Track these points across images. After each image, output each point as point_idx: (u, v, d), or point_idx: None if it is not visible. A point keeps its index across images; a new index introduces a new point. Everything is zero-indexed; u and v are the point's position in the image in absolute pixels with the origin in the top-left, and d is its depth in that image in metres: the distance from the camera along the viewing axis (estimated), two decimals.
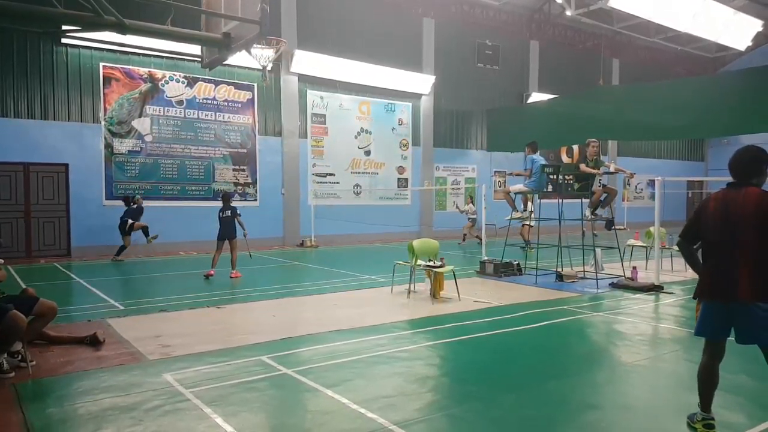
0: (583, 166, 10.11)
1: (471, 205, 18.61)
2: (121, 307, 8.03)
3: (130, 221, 13.78)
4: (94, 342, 5.89)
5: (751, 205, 3.42)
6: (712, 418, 3.66)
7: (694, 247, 3.81)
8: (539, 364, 5.45)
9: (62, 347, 5.81)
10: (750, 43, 24.26)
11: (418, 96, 20.45)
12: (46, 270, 12.09)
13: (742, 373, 4.79)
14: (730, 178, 3.65)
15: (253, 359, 5.39)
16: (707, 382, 3.67)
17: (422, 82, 20.19)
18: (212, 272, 10.77)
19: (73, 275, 11.29)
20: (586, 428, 3.94)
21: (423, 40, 20.41)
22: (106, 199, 14.73)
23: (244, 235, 11.07)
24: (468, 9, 21.26)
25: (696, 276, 3.76)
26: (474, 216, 18.09)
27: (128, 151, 15.07)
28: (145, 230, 14.01)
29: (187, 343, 6.00)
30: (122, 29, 6.03)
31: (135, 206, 14.01)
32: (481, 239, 13.08)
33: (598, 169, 10.27)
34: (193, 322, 7.08)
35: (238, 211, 11.23)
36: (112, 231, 14.17)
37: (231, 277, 10.68)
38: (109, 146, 14.79)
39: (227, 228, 10.93)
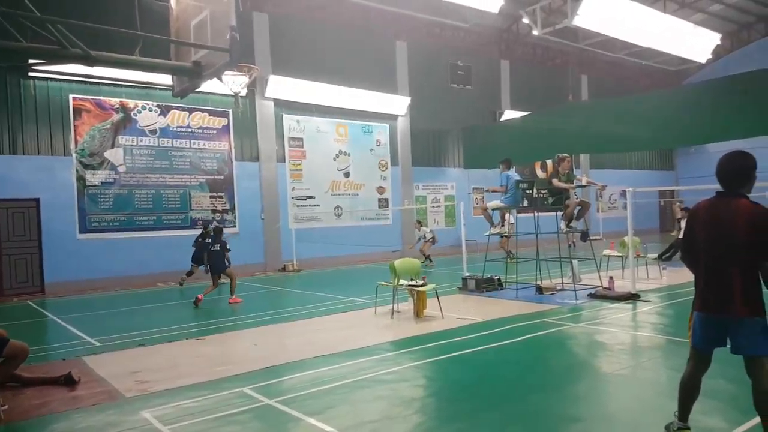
0: (555, 181, 10.25)
1: (423, 227, 18.49)
2: (97, 344, 7.83)
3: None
4: (69, 381, 5.72)
5: (741, 220, 3.35)
6: (689, 428, 3.67)
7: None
8: (522, 379, 5.45)
9: (36, 389, 5.63)
10: (710, 56, 25.01)
11: (395, 117, 20.63)
12: (19, 309, 11.78)
13: (720, 378, 4.84)
14: (700, 186, 3.66)
15: (234, 391, 5.29)
16: (689, 392, 3.65)
17: (398, 104, 20.40)
18: (201, 297, 10.72)
19: (47, 312, 11.02)
20: None
21: (396, 62, 20.66)
22: (80, 232, 14.47)
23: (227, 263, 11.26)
24: (439, 31, 21.62)
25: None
26: (431, 235, 18.02)
27: (101, 182, 14.88)
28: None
29: (165, 377, 5.87)
30: (89, 61, 5.99)
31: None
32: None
33: (571, 183, 10.42)
34: (171, 356, 6.94)
35: (228, 246, 11.36)
36: (86, 265, 13.90)
37: (230, 303, 10.87)
38: (81, 179, 14.59)
39: (218, 261, 11.12)
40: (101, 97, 14.92)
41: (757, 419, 3.46)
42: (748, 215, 3.34)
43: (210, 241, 11.92)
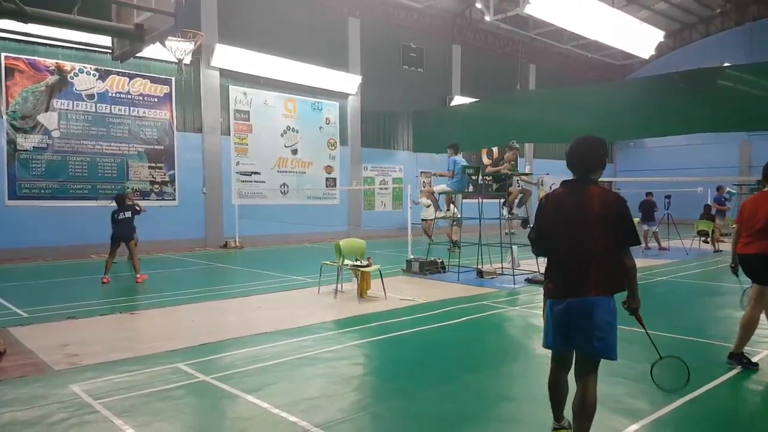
0: (489, 168, 10.57)
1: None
2: (25, 315, 7.49)
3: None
4: None
5: (595, 207, 3.21)
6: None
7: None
8: (459, 359, 5.59)
9: None
10: (653, 52, 25.98)
11: (345, 95, 20.43)
12: None
13: (645, 362, 5.12)
14: (637, 179, 3.59)
15: (168, 367, 5.18)
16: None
17: (349, 82, 20.19)
18: (108, 279, 10.19)
19: None
20: (501, 420, 4.08)
21: (349, 39, 20.41)
22: (9, 198, 13.70)
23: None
24: (392, 10, 21.48)
25: None
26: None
27: (33, 147, 14.09)
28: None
29: (97, 351, 5.67)
30: (23, 17, 5.62)
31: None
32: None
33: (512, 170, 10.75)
34: (104, 330, 6.73)
35: (138, 207, 10.57)
36: (15, 233, 13.18)
37: (137, 282, 10.18)
38: (12, 142, 13.77)
39: (125, 230, 10.34)
40: (36, 58, 14.05)
41: (681, 401, 3.67)
42: (602, 202, 3.22)
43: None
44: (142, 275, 10.37)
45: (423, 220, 16.55)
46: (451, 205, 14.06)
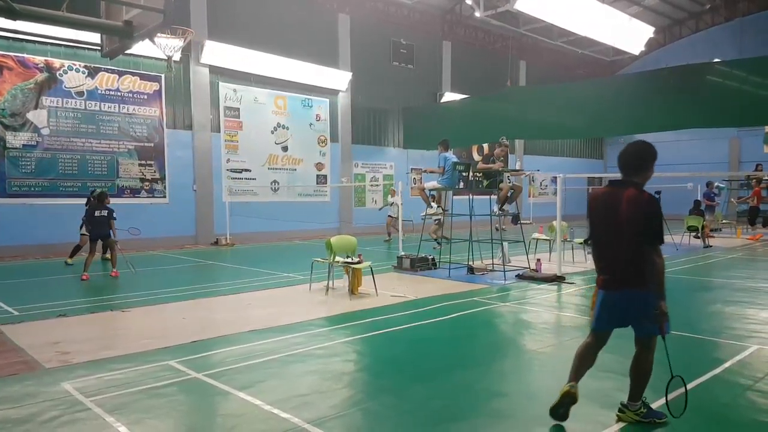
0: (481, 164, 10.61)
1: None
2: (16, 313, 7.45)
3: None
4: None
5: (624, 206, 3.55)
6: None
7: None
8: (450, 355, 5.62)
9: None
10: (643, 48, 26.16)
11: (335, 92, 20.40)
12: None
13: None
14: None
15: (160, 364, 5.18)
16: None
17: (339, 79, 20.16)
18: (87, 276, 10.20)
19: None
20: (492, 415, 4.11)
21: (339, 36, 20.37)
22: None
23: (112, 234, 10.62)
24: (382, 7, 21.46)
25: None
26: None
27: (23, 145, 13.99)
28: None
29: (88, 349, 5.66)
30: (12, 14, 5.60)
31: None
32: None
33: (504, 166, 10.81)
34: (95, 327, 6.71)
35: (115, 215, 10.67)
36: (6, 230, 13.09)
37: (111, 276, 10.37)
38: (1, 140, 13.67)
39: (102, 227, 10.49)
40: (25, 55, 13.95)
41: (670, 396, 3.73)
42: (634, 203, 3.54)
43: (87, 207, 11.35)
44: (116, 271, 10.46)
45: (389, 216, 16.74)
46: (442, 202, 14.07)
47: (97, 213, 10.48)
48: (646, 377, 3.73)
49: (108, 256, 11.20)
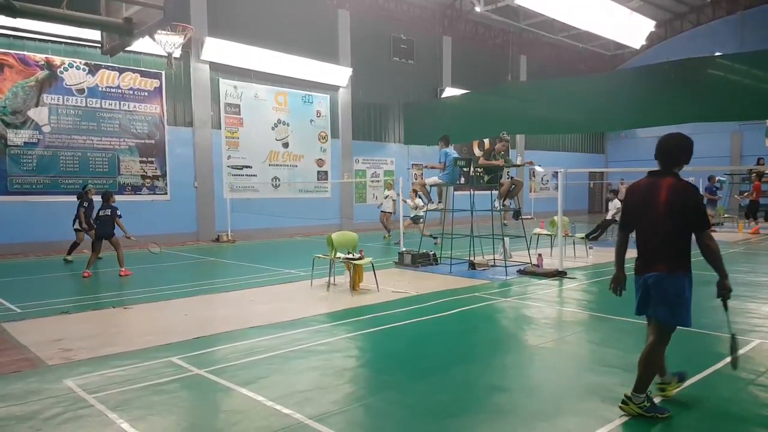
0: (482, 160, 10.60)
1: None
2: (18, 310, 7.47)
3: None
4: None
5: (662, 195, 3.69)
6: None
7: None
8: (452, 350, 5.63)
9: None
10: (644, 42, 26.06)
11: (336, 88, 20.37)
12: None
13: (637, 352, 5.18)
14: (628, 169, 3.92)
15: (162, 361, 5.19)
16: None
17: (339, 74, 20.13)
18: (89, 273, 10.25)
19: None
20: (493, 410, 4.12)
21: (339, 31, 20.33)
22: (0, 194, 13.59)
23: (128, 237, 10.52)
24: (382, 2, 21.41)
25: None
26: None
27: (24, 143, 14.00)
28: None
29: (90, 346, 5.68)
30: (12, 12, 5.59)
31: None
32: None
33: (503, 162, 10.80)
34: (97, 324, 6.73)
35: (119, 212, 10.62)
36: (7, 228, 13.10)
37: (121, 275, 10.28)
38: (2, 138, 13.68)
39: (105, 227, 10.47)
40: (25, 53, 13.94)
41: (674, 391, 3.74)
42: (670, 191, 3.70)
43: (86, 204, 11.46)
44: (125, 270, 10.42)
45: (382, 212, 16.74)
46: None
47: (101, 212, 10.50)
48: (653, 370, 3.82)
49: (101, 256, 11.19)
